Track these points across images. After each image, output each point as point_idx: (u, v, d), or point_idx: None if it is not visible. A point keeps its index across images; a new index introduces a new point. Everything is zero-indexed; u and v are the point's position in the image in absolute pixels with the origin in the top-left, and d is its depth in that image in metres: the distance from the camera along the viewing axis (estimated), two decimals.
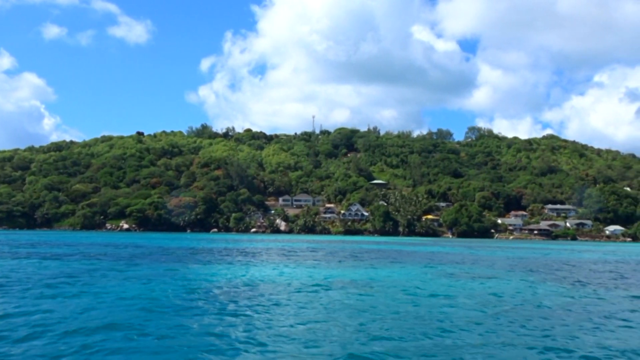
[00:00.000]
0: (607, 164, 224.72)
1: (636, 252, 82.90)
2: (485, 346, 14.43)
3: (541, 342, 14.98)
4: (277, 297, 22.18)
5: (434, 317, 18.29)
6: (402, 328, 16.39)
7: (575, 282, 31.14)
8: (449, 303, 21.49)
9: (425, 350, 13.89)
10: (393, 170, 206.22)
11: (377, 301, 21.77)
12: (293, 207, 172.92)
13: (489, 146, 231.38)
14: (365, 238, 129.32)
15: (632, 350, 14.43)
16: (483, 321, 17.77)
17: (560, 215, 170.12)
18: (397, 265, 41.32)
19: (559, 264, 47.13)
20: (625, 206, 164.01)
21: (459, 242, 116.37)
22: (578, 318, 18.97)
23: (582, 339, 15.58)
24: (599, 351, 14.28)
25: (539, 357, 13.67)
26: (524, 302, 22.51)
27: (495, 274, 34.96)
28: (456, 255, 56.86)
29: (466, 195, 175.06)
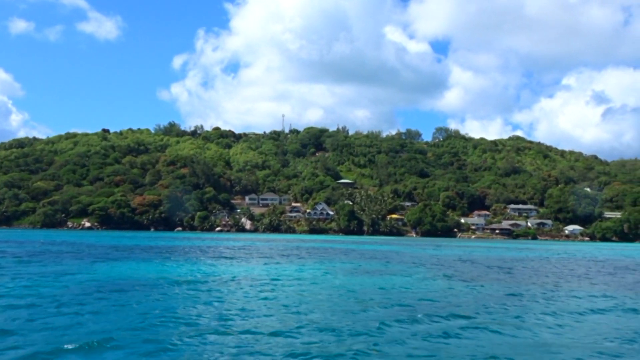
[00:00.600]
0: (570, 165, 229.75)
1: (571, 249, 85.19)
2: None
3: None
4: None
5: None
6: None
7: (450, 275, 32.62)
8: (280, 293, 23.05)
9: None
10: (361, 169, 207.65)
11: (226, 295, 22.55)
12: (259, 205, 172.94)
13: (456, 147, 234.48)
14: (327, 237, 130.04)
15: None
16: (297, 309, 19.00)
17: (522, 215, 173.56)
18: (311, 262, 42.34)
19: (473, 261, 48.58)
20: (584, 206, 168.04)
21: (413, 241, 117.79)
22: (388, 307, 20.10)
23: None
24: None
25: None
26: (388, 291, 23.33)
27: (395, 270, 36.33)
28: (390, 254, 58.38)
29: (431, 195, 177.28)
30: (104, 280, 26.24)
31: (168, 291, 23.12)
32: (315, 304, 20.47)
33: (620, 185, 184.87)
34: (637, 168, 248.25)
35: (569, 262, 52.86)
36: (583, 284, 31.10)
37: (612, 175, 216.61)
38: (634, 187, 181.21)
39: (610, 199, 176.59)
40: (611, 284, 31.28)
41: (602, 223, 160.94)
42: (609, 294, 25.94)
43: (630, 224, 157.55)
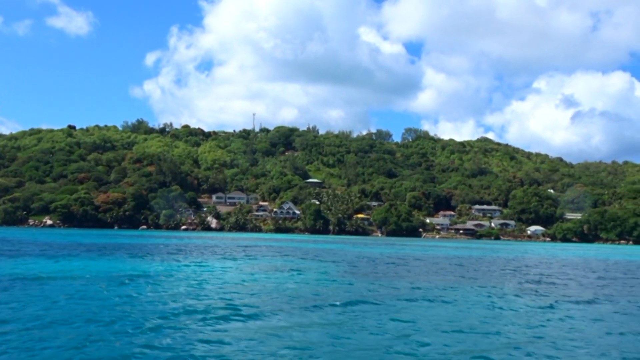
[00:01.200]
0: (536, 167, 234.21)
1: (519, 249, 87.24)
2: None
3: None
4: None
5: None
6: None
7: (345, 271, 33.81)
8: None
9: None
10: (329, 169, 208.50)
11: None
12: (226, 204, 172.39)
13: (425, 147, 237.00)
14: (287, 236, 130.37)
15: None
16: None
17: (486, 215, 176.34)
18: (233, 258, 43.00)
19: (396, 259, 49.80)
20: (546, 207, 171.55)
21: (372, 240, 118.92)
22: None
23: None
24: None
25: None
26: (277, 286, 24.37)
27: (303, 266, 37.42)
28: (326, 252, 59.83)
29: (398, 195, 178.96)
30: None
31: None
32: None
33: (582, 187, 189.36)
34: (600, 170, 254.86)
35: (495, 261, 54.22)
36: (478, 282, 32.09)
37: (577, 178, 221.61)
38: (595, 189, 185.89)
39: (572, 201, 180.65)
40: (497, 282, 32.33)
41: (563, 224, 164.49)
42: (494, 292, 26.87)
43: (590, 225, 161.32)
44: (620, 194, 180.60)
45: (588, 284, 33.09)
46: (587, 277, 38.37)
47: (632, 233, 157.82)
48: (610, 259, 65.96)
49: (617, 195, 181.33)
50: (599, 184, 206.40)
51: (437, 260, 51.96)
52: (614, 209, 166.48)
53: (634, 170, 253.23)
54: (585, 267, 48.92)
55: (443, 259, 54.36)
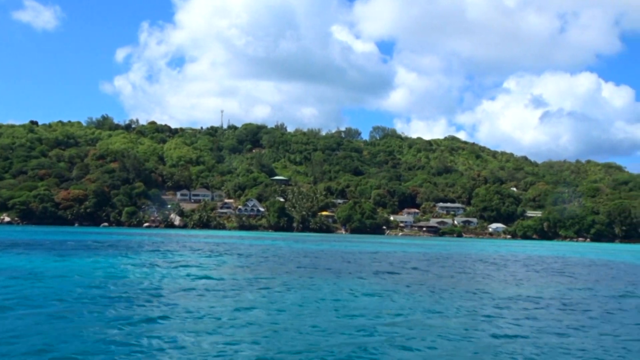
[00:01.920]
0: (501, 165, 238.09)
1: (470, 246, 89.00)
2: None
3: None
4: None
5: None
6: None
7: (240, 265, 34.20)
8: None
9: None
10: (296, 167, 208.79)
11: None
12: (191, 201, 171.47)
13: (392, 146, 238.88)
14: (247, 233, 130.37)
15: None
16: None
17: (449, 213, 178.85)
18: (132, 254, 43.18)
19: (320, 254, 50.64)
20: (508, 205, 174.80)
21: (328, 237, 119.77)
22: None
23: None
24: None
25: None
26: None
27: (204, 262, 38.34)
28: (261, 247, 60.59)
29: (363, 192, 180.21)
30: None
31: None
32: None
33: (543, 186, 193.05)
34: (564, 169, 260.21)
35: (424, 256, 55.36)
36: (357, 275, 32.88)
37: (540, 176, 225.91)
38: (556, 188, 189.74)
39: (533, 199, 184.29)
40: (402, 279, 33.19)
41: (523, 222, 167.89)
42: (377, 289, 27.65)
43: (550, 222, 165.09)
44: (580, 193, 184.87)
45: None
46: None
47: (589, 231, 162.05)
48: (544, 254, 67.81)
49: (577, 193, 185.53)
50: (562, 182, 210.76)
51: (343, 255, 52.92)
52: (573, 207, 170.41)
53: (596, 169, 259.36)
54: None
55: (355, 254, 55.21)
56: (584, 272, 42.00)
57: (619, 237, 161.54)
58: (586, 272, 41.39)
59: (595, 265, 50.23)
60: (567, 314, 20.40)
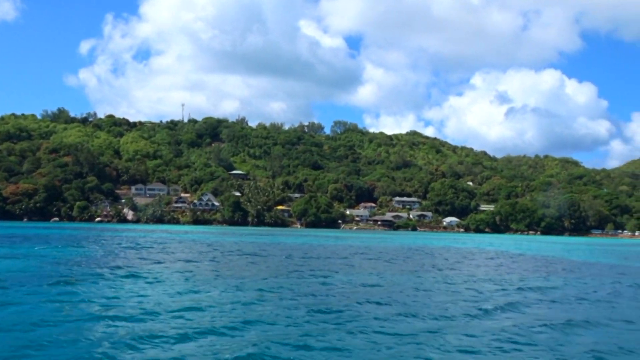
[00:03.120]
0: (460, 160, 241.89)
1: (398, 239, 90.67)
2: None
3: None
4: None
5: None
6: None
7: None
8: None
9: None
10: (255, 161, 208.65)
11: None
12: (146, 196, 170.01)
13: (352, 140, 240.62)
14: (197, 227, 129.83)
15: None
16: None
17: (405, 207, 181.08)
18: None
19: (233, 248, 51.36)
20: (462, 199, 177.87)
21: (274, 231, 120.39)
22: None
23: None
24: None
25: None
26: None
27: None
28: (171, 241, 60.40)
29: (321, 187, 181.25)
30: None
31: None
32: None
33: (498, 180, 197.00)
34: (522, 164, 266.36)
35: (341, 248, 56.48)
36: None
37: (499, 171, 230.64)
38: (510, 182, 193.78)
39: (487, 193, 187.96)
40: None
41: (476, 215, 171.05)
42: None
43: (502, 216, 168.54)
44: (533, 187, 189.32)
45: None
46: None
47: (540, 224, 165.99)
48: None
49: (530, 187, 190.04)
50: (519, 177, 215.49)
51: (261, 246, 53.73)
52: (524, 201, 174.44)
53: (552, 163, 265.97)
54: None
55: (268, 245, 56.14)
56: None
57: (568, 230, 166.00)
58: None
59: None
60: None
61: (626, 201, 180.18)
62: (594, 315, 18.60)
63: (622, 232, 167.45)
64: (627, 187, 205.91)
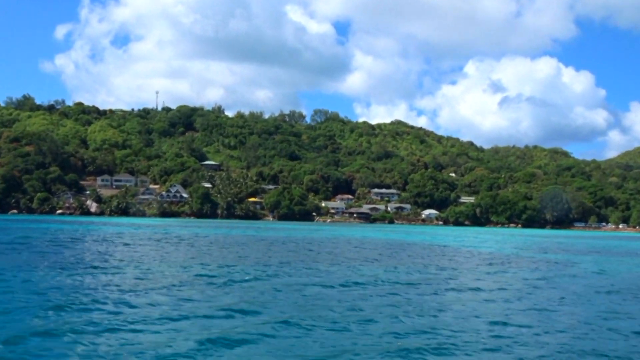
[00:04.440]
0: (445, 150, 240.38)
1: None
2: None
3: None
4: None
5: None
6: None
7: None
8: None
9: None
10: (230, 151, 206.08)
11: None
12: (112, 187, 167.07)
13: (333, 130, 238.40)
14: (160, 220, 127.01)
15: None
16: None
17: (383, 199, 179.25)
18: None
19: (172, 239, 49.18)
20: (441, 191, 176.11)
21: (238, 224, 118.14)
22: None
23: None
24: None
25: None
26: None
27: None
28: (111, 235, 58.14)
29: (296, 178, 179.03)
30: None
31: None
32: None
33: (481, 171, 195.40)
34: (509, 155, 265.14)
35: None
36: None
37: (485, 162, 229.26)
38: (492, 174, 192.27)
39: (468, 184, 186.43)
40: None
41: (456, 207, 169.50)
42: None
43: (482, 208, 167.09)
44: (516, 178, 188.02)
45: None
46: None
47: (521, 216, 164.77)
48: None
49: (513, 179, 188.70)
50: (506, 168, 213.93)
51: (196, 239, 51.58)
52: (506, 192, 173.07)
53: (541, 154, 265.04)
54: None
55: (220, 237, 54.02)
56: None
57: (550, 222, 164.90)
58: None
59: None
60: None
61: (611, 193, 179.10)
62: None
63: (605, 225, 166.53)
64: (617, 179, 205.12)
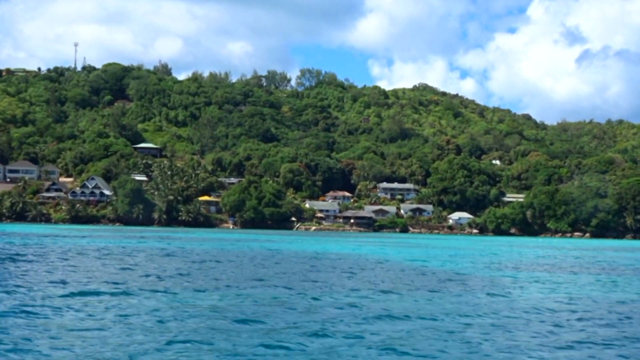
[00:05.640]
0: (489, 127, 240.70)
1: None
2: None
3: None
4: None
5: None
6: None
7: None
8: None
9: None
10: (178, 129, 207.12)
11: None
12: (6, 181, 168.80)
13: (328, 98, 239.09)
14: (72, 227, 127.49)
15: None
16: None
17: (395, 197, 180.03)
18: None
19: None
20: (477, 186, 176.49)
21: (177, 233, 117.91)
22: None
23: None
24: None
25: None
26: None
27: None
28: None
29: (271, 167, 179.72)
30: None
31: None
32: None
33: (537, 157, 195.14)
34: (583, 134, 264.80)
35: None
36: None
37: (547, 143, 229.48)
38: (552, 161, 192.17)
39: (517, 176, 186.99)
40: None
41: (497, 210, 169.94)
42: None
43: (535, 210, 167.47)
44: (586, 167, 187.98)
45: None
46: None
47: (589, 222, 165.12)
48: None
49: (582, 168, 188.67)
50: (575, 152, 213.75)
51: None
52: (570, 187, 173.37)
53: (628, 133, 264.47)
54: None
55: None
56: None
57: (632, 230, 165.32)
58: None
59: None
60: None
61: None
62: None
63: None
64: None
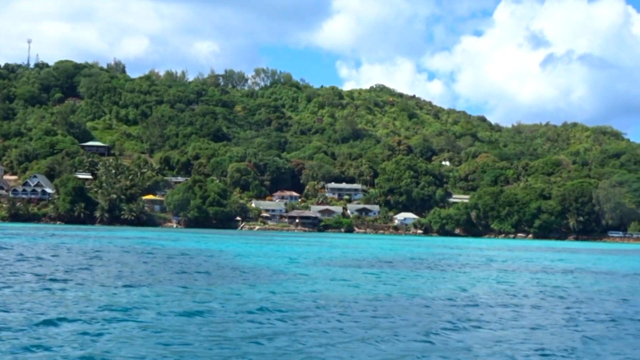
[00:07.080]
0: (442, 129, 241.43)
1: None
2: None
3: None
4: None
5: None
6: None
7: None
8: None
9: None
10: (128, 128, 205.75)
11: None
12: None
13: (282, 98, 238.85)
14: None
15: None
16: None
17: (342, 197, 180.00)
18: None
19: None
20: (423, 187, 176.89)
21: (112, 231, 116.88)
22: None
23: None
24: None
25: None
26: None
27: None
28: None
29: (219, 167, 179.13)
30: None
31: None
32: None
33: (484, 158, 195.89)
34: (537, 136, 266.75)
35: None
36: None
37: (500, 145, 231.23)
38: (500, 162, 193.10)
39: (464, 177, 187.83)
40: None
41: (442, 210, 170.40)
42: None
43: (479, 211, 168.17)
44: (533, 169, 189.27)
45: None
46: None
47: (533, 223, 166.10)
48: None
49: (529, 170, 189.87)
50: (529, 155, 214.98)
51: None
52: (514, 189, 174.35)
53: (582, 136, 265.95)
54: None
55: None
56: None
57: (574, 231, 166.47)
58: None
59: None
60: None
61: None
62: None
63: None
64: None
